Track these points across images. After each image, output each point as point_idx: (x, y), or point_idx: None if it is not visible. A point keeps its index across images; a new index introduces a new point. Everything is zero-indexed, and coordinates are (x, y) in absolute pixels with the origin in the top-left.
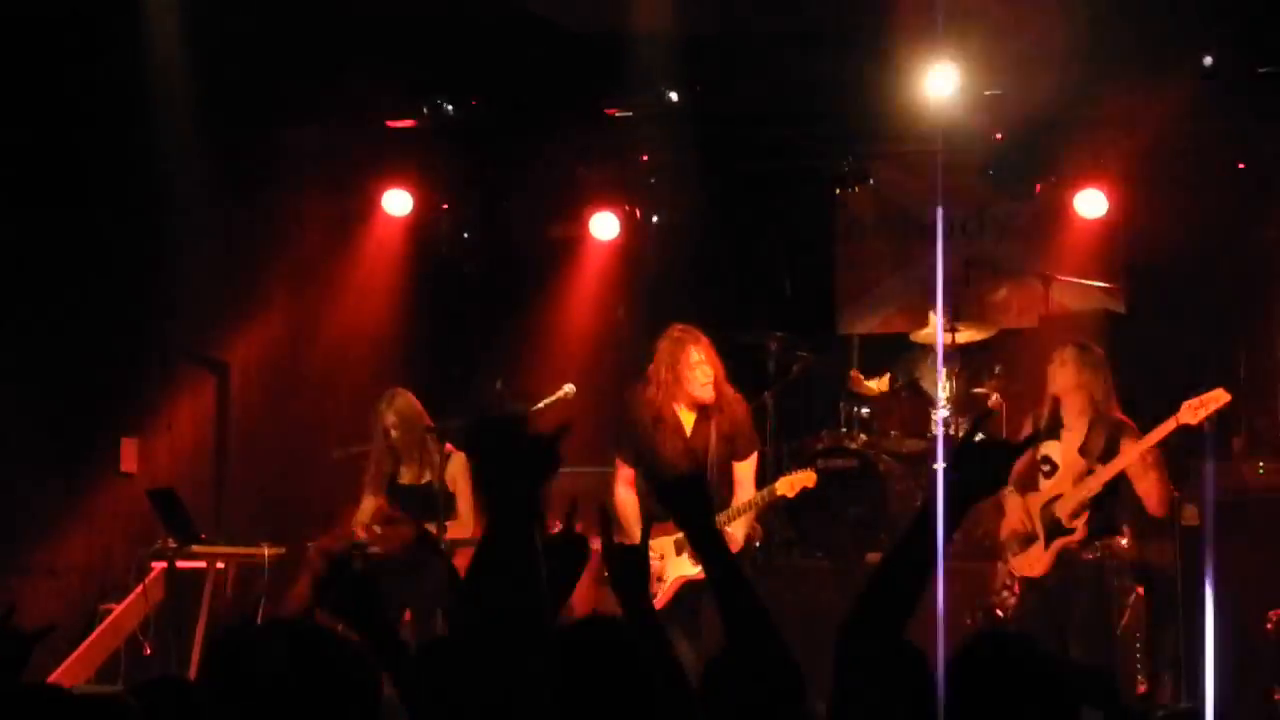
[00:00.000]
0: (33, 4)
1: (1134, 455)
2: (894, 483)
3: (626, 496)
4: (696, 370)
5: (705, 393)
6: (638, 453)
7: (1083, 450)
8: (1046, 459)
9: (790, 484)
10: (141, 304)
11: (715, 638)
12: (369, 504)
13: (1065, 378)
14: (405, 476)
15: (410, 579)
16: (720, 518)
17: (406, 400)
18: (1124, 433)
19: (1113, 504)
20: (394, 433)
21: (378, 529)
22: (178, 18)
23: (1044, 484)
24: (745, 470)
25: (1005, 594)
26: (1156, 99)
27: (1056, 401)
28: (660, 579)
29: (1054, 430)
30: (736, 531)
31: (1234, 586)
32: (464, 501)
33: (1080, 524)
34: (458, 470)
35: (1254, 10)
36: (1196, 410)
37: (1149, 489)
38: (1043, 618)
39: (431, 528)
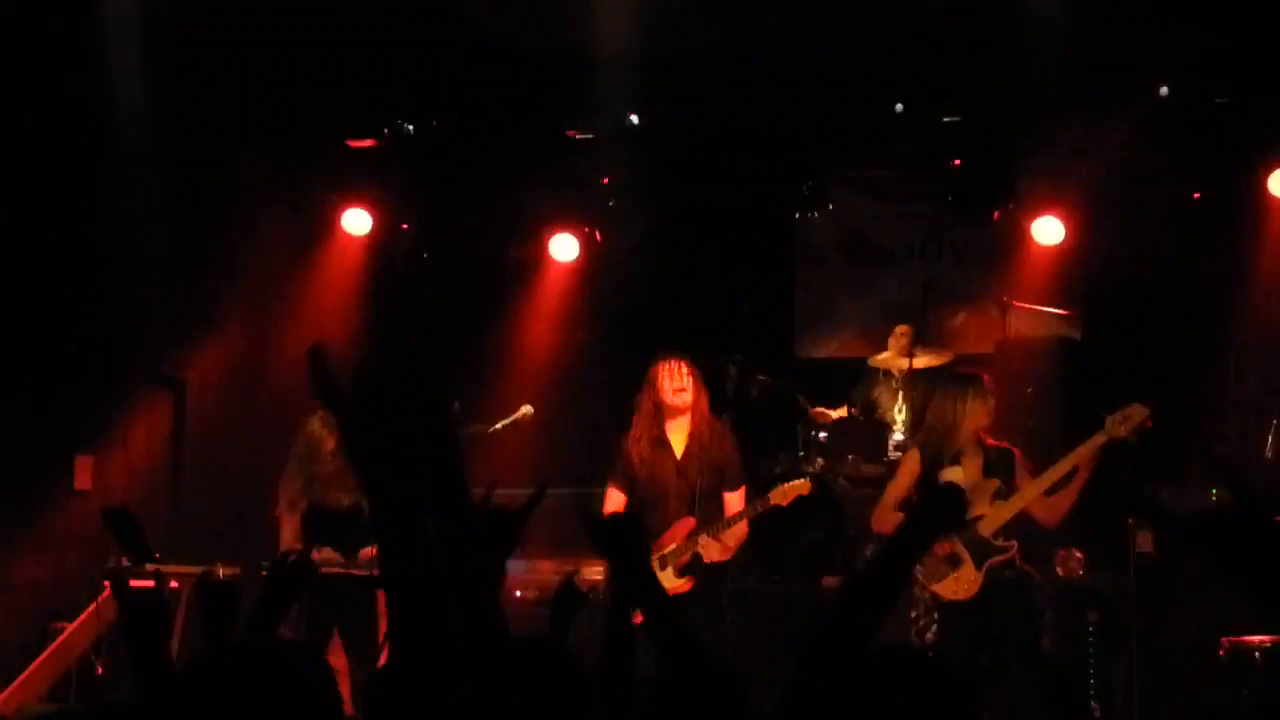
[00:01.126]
0: None
1: (1062, 470)
2: (850, 507)
3: None
4: (666, 380)
5: (679, 399)
6: (630, 478)
7: (988, 470)
8: (950, 484)
9: (784, 493)
10: (97, 321)
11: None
12: (292, 526)
13: (962, 412)
14: (328, 501)
15: (341, 600)
16: (710, 530)
17: None
18: (1012, 456)
19: (1023, 523)
20: (332, 458)
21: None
22: (138, 38)
23: None
24: (736, 500)
25: (924, 622)
26: (1113, 128)
27: (950, 432)
28: None
29: (954, 457)
30: (728, 540)
31: (1187, 613)
32: None
33: (1014, 543)
34: None
35: (1208, 42)
36: (1122, 423)
37: (1044, 506)
38: (968, 640)
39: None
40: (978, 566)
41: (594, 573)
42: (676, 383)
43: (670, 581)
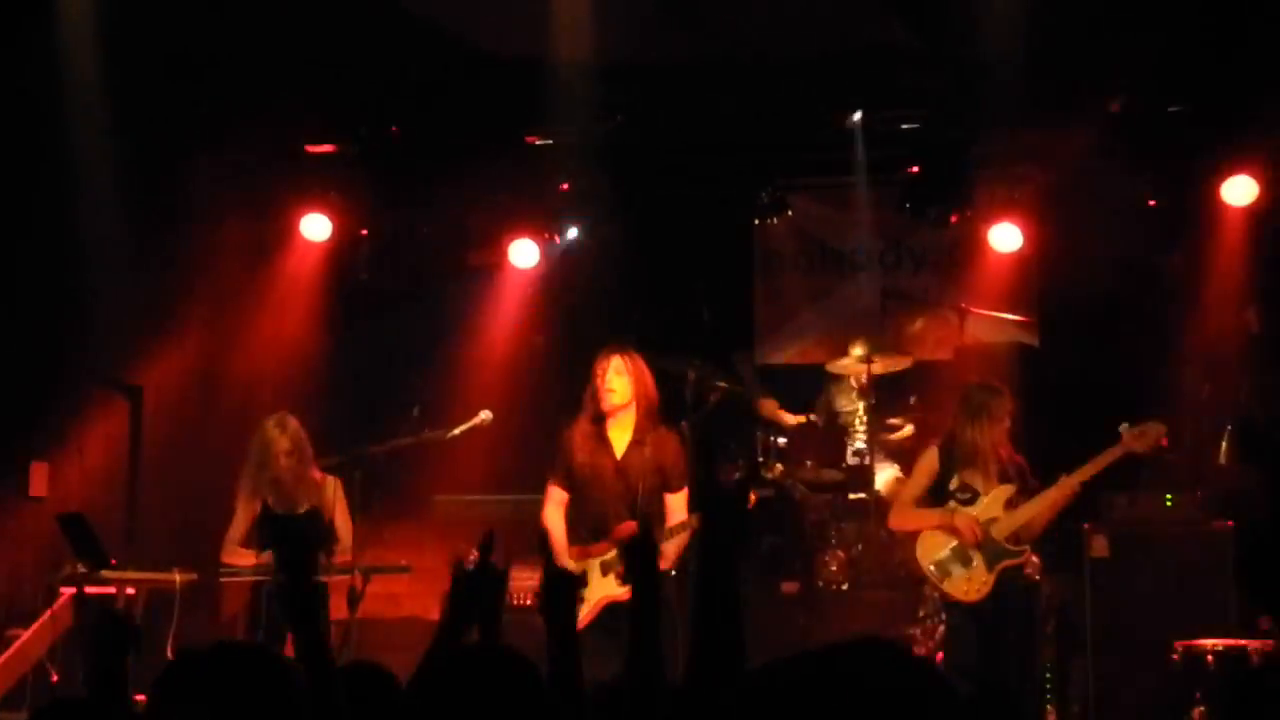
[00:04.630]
0: None
1: (1081, 478)
2: (809, 512)
3: (555, 519)
4: (600, 379)
5: (607, 400)
6: (570, 475)
7: (1004, 478)
8: (965, 487)
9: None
10: (53, 327)
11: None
12: (241, 524)
13: (985, 425)
14: (280, 504)
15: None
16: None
17: (297, 425)
18: (1024, 470)
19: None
20: (285, 459)
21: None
22: (95, 42)
23: (965, 511)
24: (678, 501)
25: (930, 623)
26: (1069, 135)
27: (971, 441)
28: (582, 600)
29: (971, 461)
30: (669, 549)
31: (1141, 617)
32: (344, 529)
33: (1026, 548)
34: (334, 498)
35: (1164, 50)
36: (1139, 438)
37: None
38: (976, 642)
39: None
40: (989, 568)
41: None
42: (606, 383)
43: (610, 589)
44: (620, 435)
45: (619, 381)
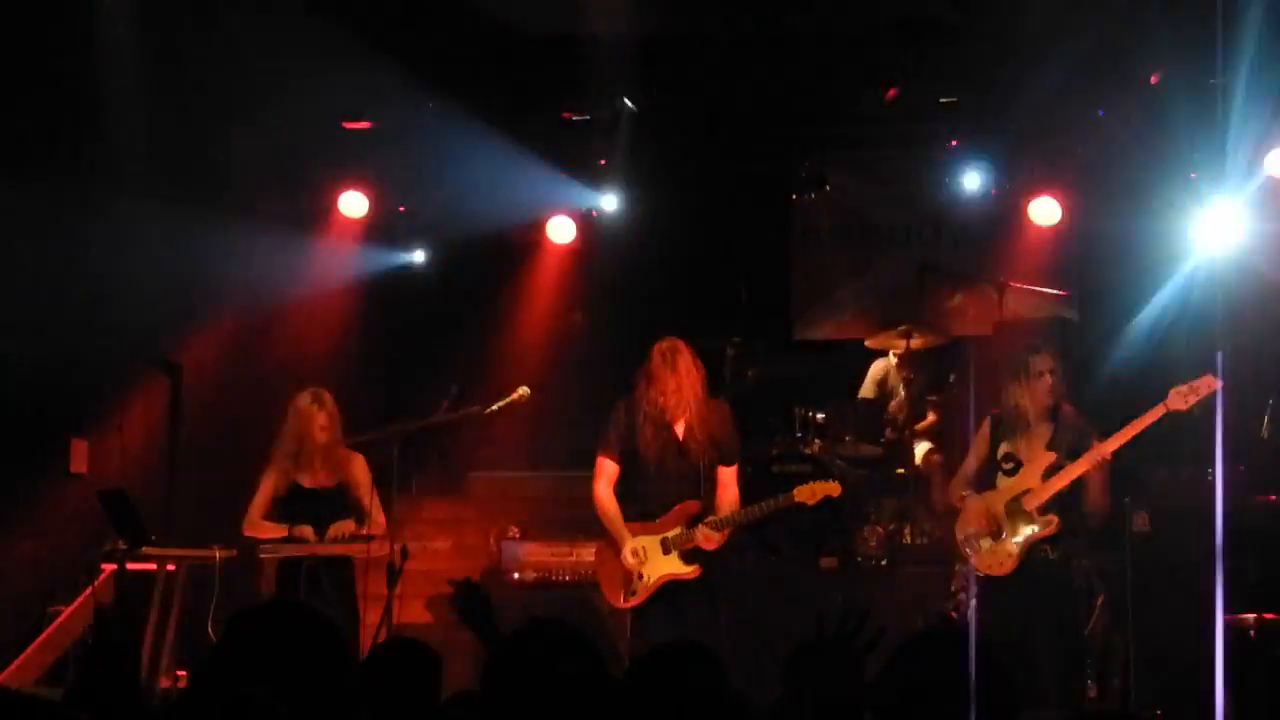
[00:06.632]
0: None
1: (1114, 445)
2: (848, 488)
3: (606, 494)
4: (655, 389)
5: (673, 400)
6: (627, 452)
7: (1051, 445)
8: (1009, 456)
9: (811, 492)
10: (94, 304)
11: (697, 632)
12: (265, 497)
13: (1019, 390)
14: (307, 479)
15: (318, 579)
16: (714, 524)
17: (332, 400)
18: (1091, 430)
19: (1079, 502)
20: (321, 433)
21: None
22: (131, 19)
23: (1006, 481)
24: (730, 475)
25: (962, 596)
26: (1110, 108)
27: (1014, 409)
28: (641, 576)
29: (1022, 431)
30: (719, 537)
31: (1182, 591)
32: (373, 504)
33: (1053, 518)
34: (359, 472)
35: (1204, 24)
36: (1186, 396)
37: (1098, 494)
38: (1006, 617)
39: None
40: (1015, 541)
41: (586, 553)
42: (671, 384)
43: (674, 566)
44: (679, 417)
45: (677, 382)
